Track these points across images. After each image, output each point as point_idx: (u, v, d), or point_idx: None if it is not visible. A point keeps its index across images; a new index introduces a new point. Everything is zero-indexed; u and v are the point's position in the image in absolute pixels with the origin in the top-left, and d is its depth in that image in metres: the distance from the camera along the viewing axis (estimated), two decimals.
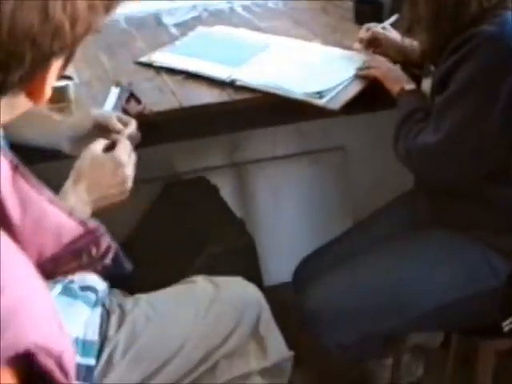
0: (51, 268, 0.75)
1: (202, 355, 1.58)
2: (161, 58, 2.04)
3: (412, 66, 1.88)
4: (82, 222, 0.77)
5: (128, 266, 0.80)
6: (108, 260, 0.79)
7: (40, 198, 0.74)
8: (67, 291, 1.48)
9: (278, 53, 2.09)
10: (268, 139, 2.58)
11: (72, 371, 0.68)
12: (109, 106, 1.79)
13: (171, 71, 1.98)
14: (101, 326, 1.50)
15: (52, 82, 0.74)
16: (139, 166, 2.24)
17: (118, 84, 1.88)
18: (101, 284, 1.59)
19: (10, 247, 0.67)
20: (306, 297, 1.86)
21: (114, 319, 1.54)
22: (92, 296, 1.52)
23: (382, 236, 1.92)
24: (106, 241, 0.78)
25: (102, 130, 1.54)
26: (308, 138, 2.63)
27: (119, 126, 1.55)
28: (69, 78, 1.84)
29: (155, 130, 1.81)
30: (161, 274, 1.99)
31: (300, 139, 2.63)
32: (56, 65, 0.75)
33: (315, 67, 1.99)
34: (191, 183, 2.44)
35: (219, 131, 2.00)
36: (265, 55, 2.07)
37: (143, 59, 2.06)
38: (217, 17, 2.42)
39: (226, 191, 2.46)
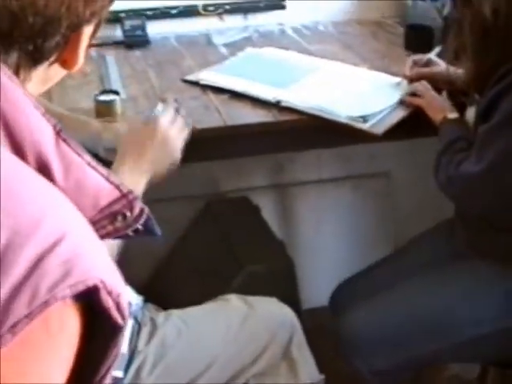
0: None
1: (232, 373, 1.58)
2: (208, 76, 2.06)
3: (458, 94, 1.87)
4: (117, 186, 0.78)
5: (158, 230, 0.82)
6: (141, 223, 0.80)
7: (81, 161, 0.76)
8: None
9: (324, 76, 2.09)
10: (313, 162, 2.59)
11: (127, 316, 0.71)
12: None
13: (217, 90, 1.99)
14: (131, 339, 1.51)
15: (84, 48, 0.80)
16: (183, 182, 2.31)
17: (163, 100, 1.87)
18: (135, 298, 1.61)
19: (60, 194, 0.71)
20: (343, 321, 1.85)
21: (144, 333, 1.55)
22: None
23: (421, 263, 1.91)
24: (139, 204, 0.79)
25: None
26: (353, 162, 2.63)
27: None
28: (116, 92, 1.87)
29: (199, 147, 1.81)
30: (198, 291, 2.02)
31: (345, 163, 2.63)
32: (87, 32, 0.80)
33: (361, 92, 1.99)
34: (233, 202, 2.46)
35: (263, 151, 2.00)
36: (312, 78, 2.07)
37: (190, 77, 2.07)
38: (267, 38, 2.44)
39: (268, 212, 2.47)
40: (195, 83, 2.04)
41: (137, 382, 1.49)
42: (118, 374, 1.45)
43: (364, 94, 1.98)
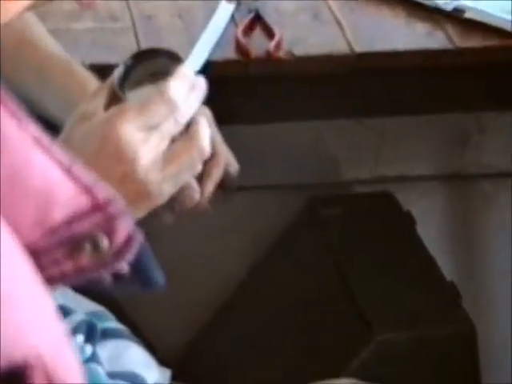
0: None
1: None
2: None
3: None
4: (87, 186, 0.77)
5: (159, 276, 0.84)
6: (126, 261, 0.78)
7: (22, 136, 0.76)
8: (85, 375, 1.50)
9: None
10: None
11: None
12: (211, 37, 1.81)
13: None
14: None
15: None
16: (267, 164, 2.25)
17: None
18: (153, 371, 1.65)
19: None
20: None
21: None
22: None
23: None
24: (127, 225, 0.77)
25: None
26: None
27: None
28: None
29: (301, 91, 1.86)
30: (280, 371, 2.08)
31: None
32: None
33: None
34: (364, 201, 2.50)
35: (426, 109, 2.04)
36: None
37: None
38: None
39: (430, 224, 2.50)
40: None
41: None
42: None
43: None
